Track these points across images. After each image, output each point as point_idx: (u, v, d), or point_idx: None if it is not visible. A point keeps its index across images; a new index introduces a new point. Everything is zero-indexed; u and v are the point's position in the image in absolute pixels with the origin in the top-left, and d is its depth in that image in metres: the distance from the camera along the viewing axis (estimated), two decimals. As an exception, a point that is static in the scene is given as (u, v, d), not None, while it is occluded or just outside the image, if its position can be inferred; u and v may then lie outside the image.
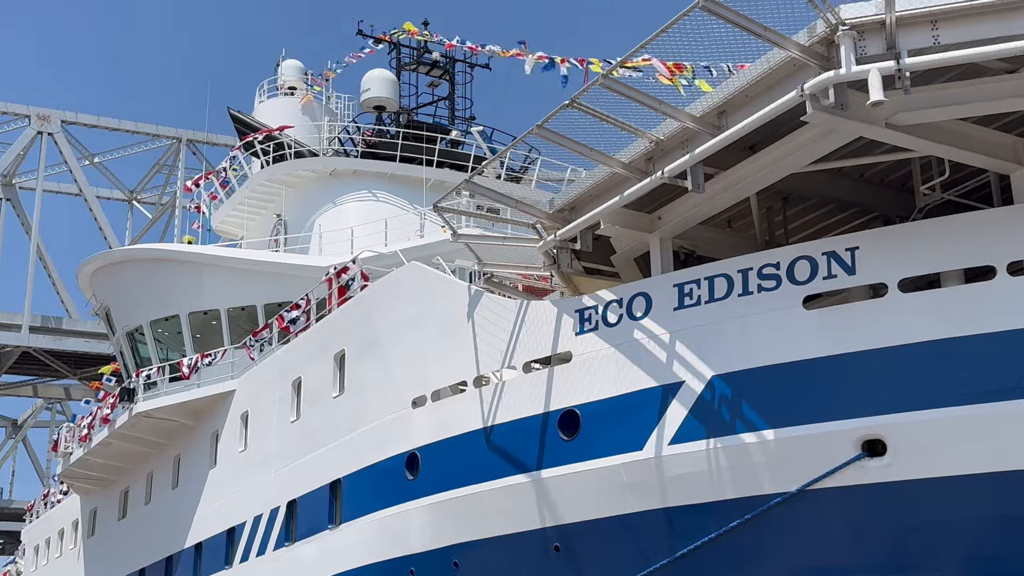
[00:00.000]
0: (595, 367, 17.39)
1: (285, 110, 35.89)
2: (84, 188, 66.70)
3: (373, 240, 28.59)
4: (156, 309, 31.85)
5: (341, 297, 24.45)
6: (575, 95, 15.71)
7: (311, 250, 31.18)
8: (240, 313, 30.25)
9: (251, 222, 34.17)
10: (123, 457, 32.97)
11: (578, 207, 18.16)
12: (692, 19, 13.83)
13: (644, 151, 16.56)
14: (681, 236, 17.79)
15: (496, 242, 19.82)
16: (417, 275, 21.34)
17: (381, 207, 31.82)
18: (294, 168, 32.85)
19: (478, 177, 18.43)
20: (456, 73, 36.42)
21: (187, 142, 66.36)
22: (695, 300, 16.52)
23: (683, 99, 15.57)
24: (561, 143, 16.64)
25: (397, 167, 32.39)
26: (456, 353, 19.65)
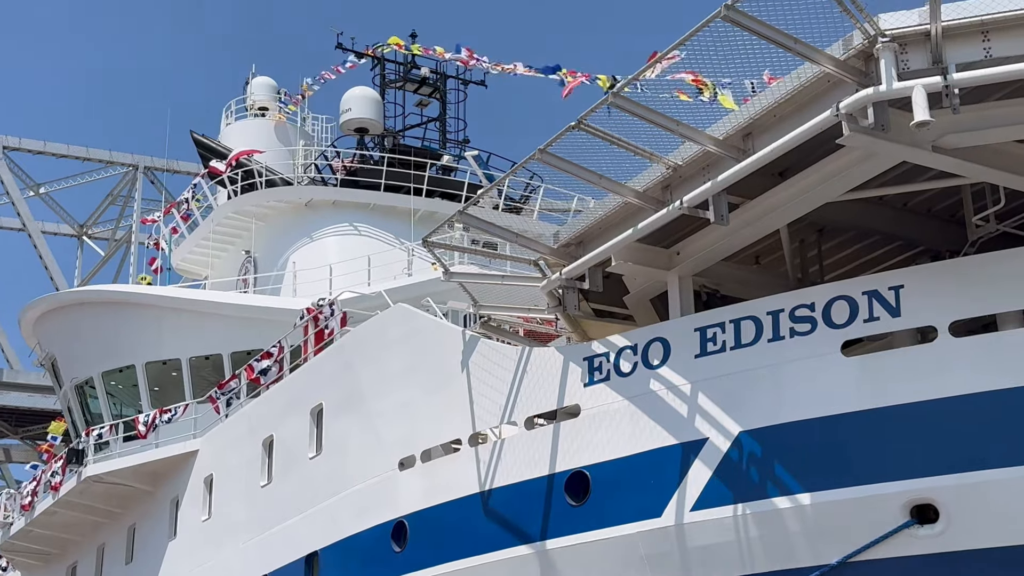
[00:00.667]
0: (606, 422, 17.35)
1: (255, 133, 36.07)
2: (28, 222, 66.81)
3: (354, 279, 28.62)
4: (109, 359, 31.80)
5: (318, 344, 24.42)
6: (582, 115, 15.78)
7: (284, 291, 31.22)
8: (204, 363, 30.20)
9: (216, 260, 34.24)
10: (71, 528, 32.81)
11: (586, 241, 18.18)
12: (713, 30, 13.92)
13: (660, 178, 16.61)
14: (703, 274, 17.81)
15: (494, 281, 19.84)
16: (404, 319, 21.34)
17: (363, 242, 31.88)
18: (265, 198, 32.97)
19: (473, 208, 18.48)
20: (448, 91, 36.64)
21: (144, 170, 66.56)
22: (719, 346, 16.50)
23: (704, 120, 15.64)
24: (566, 169, 16.69)
25: (381, 197, 32.52)
26: (449, 407, 19.61)
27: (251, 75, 38.29)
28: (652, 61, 14.74)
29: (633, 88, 15.50)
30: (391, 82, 36.33)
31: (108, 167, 67.17)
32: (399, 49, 35.13)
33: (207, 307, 30.13)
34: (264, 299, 30.34)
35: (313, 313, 24.74)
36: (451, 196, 33.03)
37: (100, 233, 69.98)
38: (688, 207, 16.11)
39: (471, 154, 33.71)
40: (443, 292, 23.17)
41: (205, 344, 30.10)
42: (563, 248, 18.39)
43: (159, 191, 64.97)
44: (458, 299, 21.45)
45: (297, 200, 32.80)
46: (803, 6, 13.64)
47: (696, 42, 14.20)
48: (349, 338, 22.95)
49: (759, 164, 15.36)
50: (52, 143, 65.61)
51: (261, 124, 36.65)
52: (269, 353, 25.90)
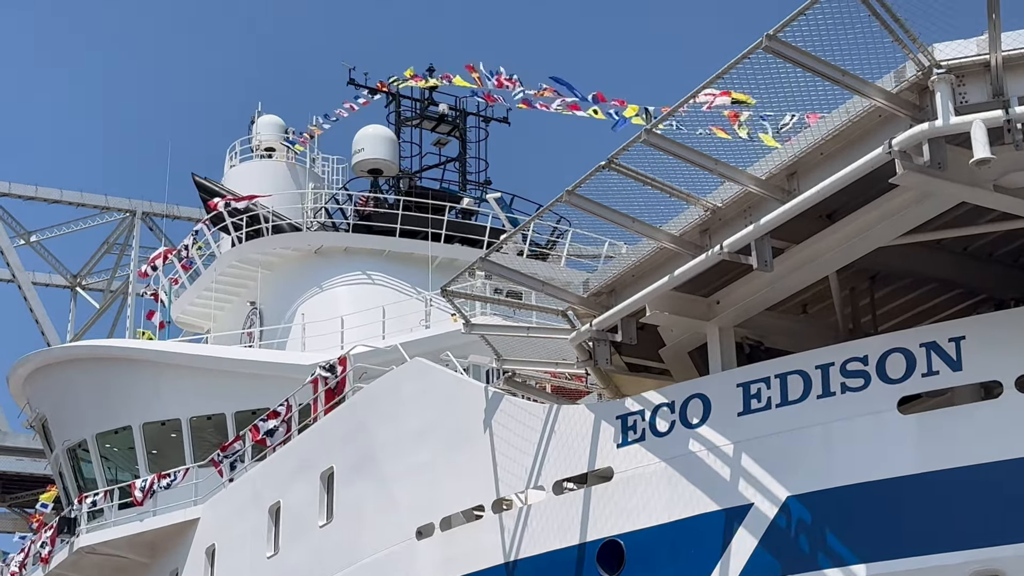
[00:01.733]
0: (642, 487, 17.27)
1: (261, 175, 36.31)
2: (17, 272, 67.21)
3: (368, 332, 28.66)
4: (103, 419, 31.87)
5: (329, 403, 24.43)
6: (613, 154, 15.85)
7: (292, 345, 31.28)
8: (205, 423, 30.23)
9: (219, 312, 34.37)
10: (61, 603, 32.77)
11: (618, 290, 18.18)
12: (754, 63, 13.98)
13: (698, 221, 16.62)
14: (745, 324, 17.77)
15: (518, 333, 19.85)
16: (422, 374, 21.35)
17: (377, 292, 31.95)
18: (272, 245, 33.13)
19: (495, 254, 18.53)
20: (468, 128, 36.82)
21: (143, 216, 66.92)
22: (764, 403, 16.44)
23: (745, 158, 15.67)
24: (596, 212, 16.74)
25: (397, 243, 32.64)
26: (470, 470, 19.56)
27: (257, 113, 38.59)
28: (688, 96, 14.80)
29: (667, 124, 15.57)
30: (407, 120, 36.53)
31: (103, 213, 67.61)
32: (416, 83, 35.34)
33: (209, 363, 30.20)
34: (270, 354, 30.39)
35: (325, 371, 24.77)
36: (472, 242, 33.12)
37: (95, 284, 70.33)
38: (729, 252, 16.10)
39: (493, 196, 33.84)
40: (463, 345, 23.14)
41: (207, 403, 30.13)
42: (593, 297, 18.38)
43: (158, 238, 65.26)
44: (480, 353, 21.44)
45: (306, 247, 32.94)
46: (851, 36, 13.70)
47: (736, 75, 14.25)
48: (362, 396, 22.95)
49: (805, 205, 15.36)
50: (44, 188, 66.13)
51: (267, 166, 36.90)
52: (276, 412, 25.91)
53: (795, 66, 13.97)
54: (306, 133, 37.41)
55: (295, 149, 37.33)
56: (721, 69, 14.31)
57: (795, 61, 13.90)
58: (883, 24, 13.44)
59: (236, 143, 37.71)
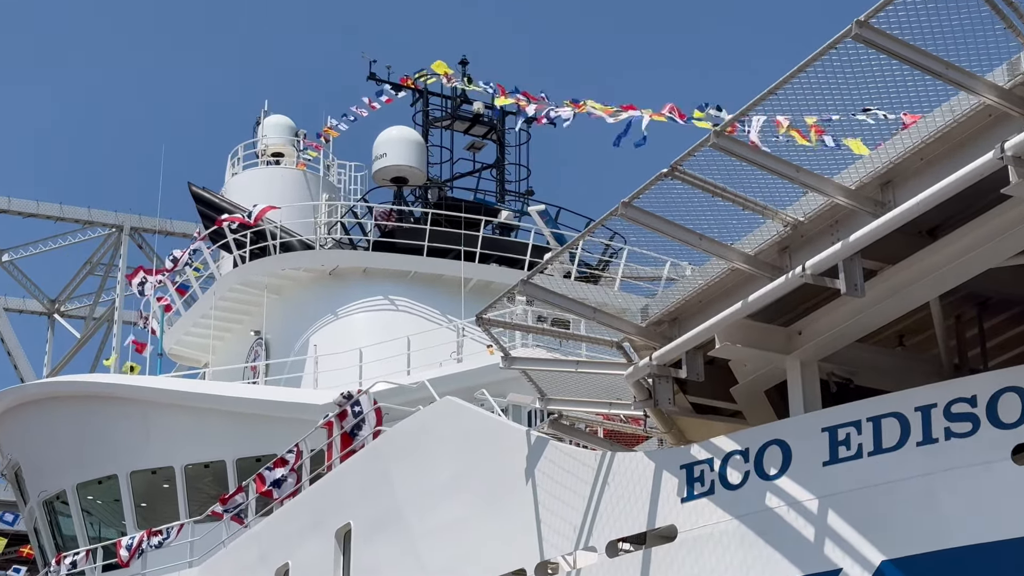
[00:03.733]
0: (710, 548, 17.21)
1: (268, 185, 36.58)
2: (-13, 296, 67.81)
3: (391, 366, 28.75)
4: (85, 467, 32.05)
5: (345, 448, 24.48)
6: (677, 160, 15.84)
7: (303, 382, 31.40)
8: (203, 472, 30.35)
9: (219, 343, 34.57)
10: None
11: (682, 318, 18.15)
12: (841, 53, 13.94)
13: (776, 238, 16.59)
14: (831, 358, 17.71)
15: (566, 368, 19.83)
16: (454, 416, 21.38)
17: (401, 319, 32.07)
18: (280, 266, 33.33)
19: (539, 276, 18.54)
20: (507, 130, 36.90)
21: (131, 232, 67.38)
22: (854, 451, 16.37)
23: (830, 165, 15.63)
24: (657, 227, 16.73)
25: (424, 263, 32.76)
26: (510, 528, 19.55)
27: (262, 113, 38.89)
28: (766, 92, 14.78)
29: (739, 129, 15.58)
30: (436, 120, 36.68)
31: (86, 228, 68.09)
32: (445, 80, 35.44)
33: (207, 402, 30.34)
34: (278, 392, 30.51)
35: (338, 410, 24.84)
36: (511, 262, 33.18)
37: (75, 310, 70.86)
38: (812, 275, 16.06)
39: (536, 209, 33.87)
40: (502, 382, 23.17)
41: (204, 448, 30.26)
42: (653, 327, 18.36)
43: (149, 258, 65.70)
44: (521, 391, 21.44)
45: (319, 268, 33.12)
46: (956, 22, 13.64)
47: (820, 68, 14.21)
48: (384, 440, 22.99)
49: (902, 220, 15.30)
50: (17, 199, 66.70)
51: (275, 173, 37.16)
52: (284, 460, 25.99)
53: (890, 57, 13.93)
54: (320, 136, 37.63)
55: (307, 154, 37.54)
56: (804, 61, 14.29)
57: (890, 51, 13.85)
58: (994, 8, 13.39)
59: (239, 148, 38.03)
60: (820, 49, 14.17)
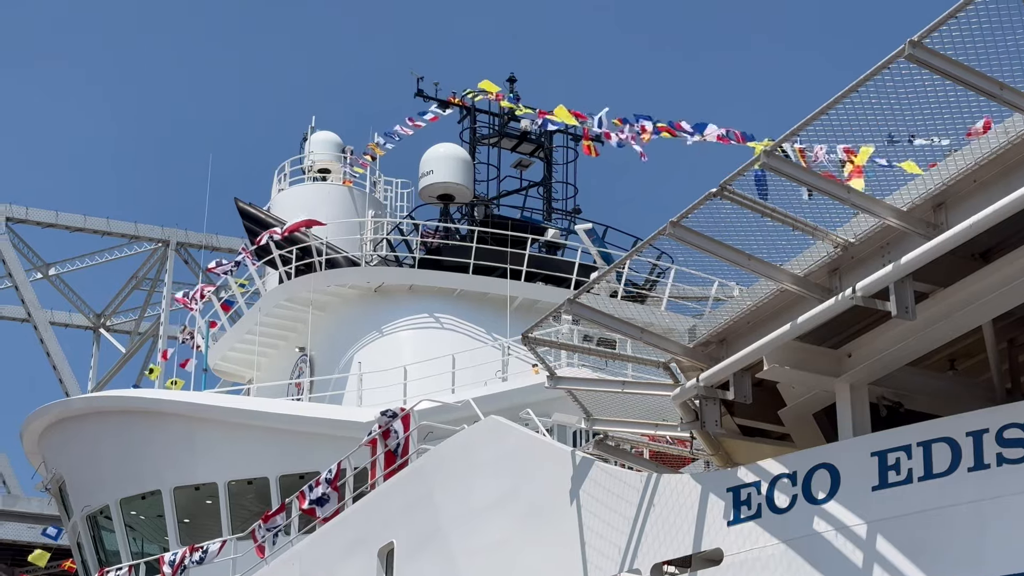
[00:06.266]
0: (757, 572, 17.14)
1: (314, 201, 36.66)
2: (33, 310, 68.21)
3: (435, 384, 28.75)
4: (129, 482, 32.19)
5: (389, 467, 24.48)
6: (725, 180, 15.82)
7: (347, 399, 31.45)
8: (246, 488, 30.42)
9: (264, 359, 34.65)
10: None
11: (731, 339, 18.10)
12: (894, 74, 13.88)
13: (826, 259, 16.52)
14: (882, 382, 17.62)
15: (612, 389, 19.79)
16: (498, 435, 21.37)
17: (447, 337, 32.07)
18: (325, 282, 33.39)
19: (585, 295, 18.53)
20: (554, 148, 36.90)
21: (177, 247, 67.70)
22: (904, 476, 16.27)
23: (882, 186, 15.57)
24: (705, 247, 16.70)
25: (470, 281, 32.75)
26: (553, 549, 19.52)
27: (309, 130, 39.00)
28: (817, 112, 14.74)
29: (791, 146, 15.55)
30: (483, 138, 36.74)
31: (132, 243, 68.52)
32: (493, 98, 35.50)
33: (251, 418, 30.43)
34: (322, 409, 30.56)
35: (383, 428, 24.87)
36: (558, 280, 33.16)
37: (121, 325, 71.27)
38: (863, 296, 15.98)
39: (583, 228, 33.84)
40: (547, 402, 23.12)
41: (248, 465, 30.34)
42: (701, 347, 18.30)
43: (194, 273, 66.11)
44: (566, 411, 21.41)
45: (365, 284, 33.16)
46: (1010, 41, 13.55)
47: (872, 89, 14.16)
48: (428, 459, 22.99)
49: (955, 243, 15.22)
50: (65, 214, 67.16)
51: (321, 190, 37.24)
52: (327, 478, 26.01)
53: (943, 78, 13.85)
54: (366, 153, 37.73)
55: (354, 171, 37.63)
56: (856, 81, 14.24)
57: (943, 72, 13.78)
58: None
59: (285, 163, 38.14)
60: (872, 70, 14.12)
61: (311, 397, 32.28)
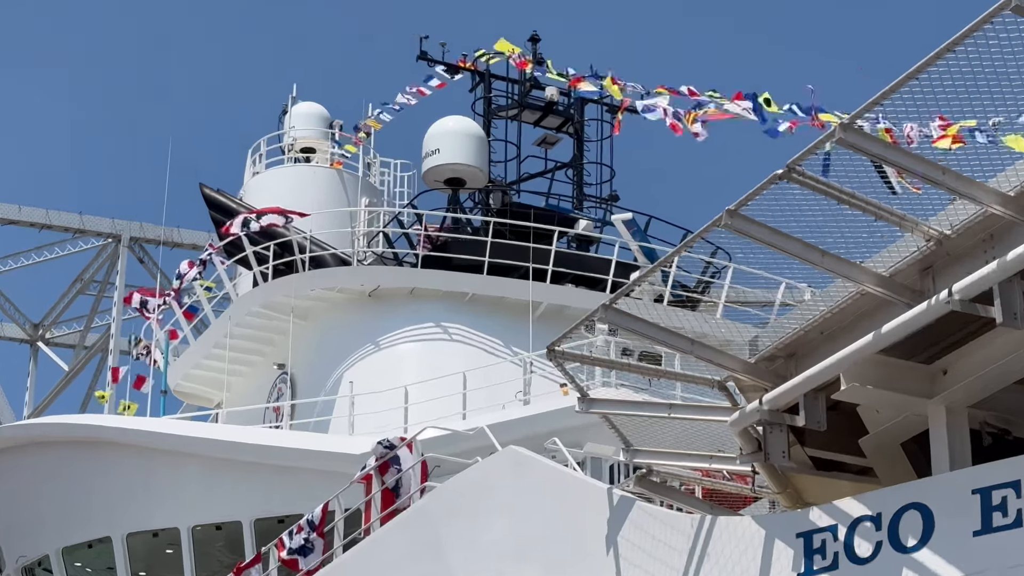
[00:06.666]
0: (834, 636, 17.12)
1: (295, 186, 36.73)
2: (-42, 320, 68.37)
3: (442, 408, 28.79)
4: (73, 528, 32.25)
5: (387, 507, 24.52)
6: (793, 159, 15.80)
7: (336, 426, 31.49)
8: (214, 535, 30.49)
9: (235, 378, 34.71)
10: None
11: (801, 353, 18.13)
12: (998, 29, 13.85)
13: (917, 256, 16.53)
14: (983, 404, 17.62)
15: (657, 413, 19.81)
16: (519, 469, 21.43)
17: (456, 351, 32.13)
18: (309, 285, 33.43)
19: (624, 300, 18.54)
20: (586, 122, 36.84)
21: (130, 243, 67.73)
22: (1012, 518, 16.27)
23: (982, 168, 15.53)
24: (769, 241, 16.70)
25: (484, 283, 32.77)
26: (587, 608, 19.52)
27: (290, 101, 39.07)
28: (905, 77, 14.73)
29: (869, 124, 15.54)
30: (500, 109, 36.70)
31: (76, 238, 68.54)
32: (512, 62, 35.46)
33: (220, 450, 30.48)
34: (305, 439, 30.62)
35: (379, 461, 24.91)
36: (590, 282, 33.16)
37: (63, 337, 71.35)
38: (962, 300, 15.98)
39: (621, 218, 33.83)
40: (578, 429, 23.17)
41: (216, 507, 30.39)
42: (765, 363, 18.31)
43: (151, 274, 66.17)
44: (601, 440, 21.42)
45: (357, 287, 33.21)
46: None
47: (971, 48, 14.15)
48: (435, 498, 23.04)
49: (1074, 234, 15.20)
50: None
51: (304, 173, 37.35)
52: (311, 522, 26.05)
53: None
54: (359, 128, 37.75)
55: (344, 150, 37.68)
56: (950, 40, 14.21)
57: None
58: None
59: (261, 141, 38.23)
60: (971, 26, 14.09)
61: (292, 424, 32.32)
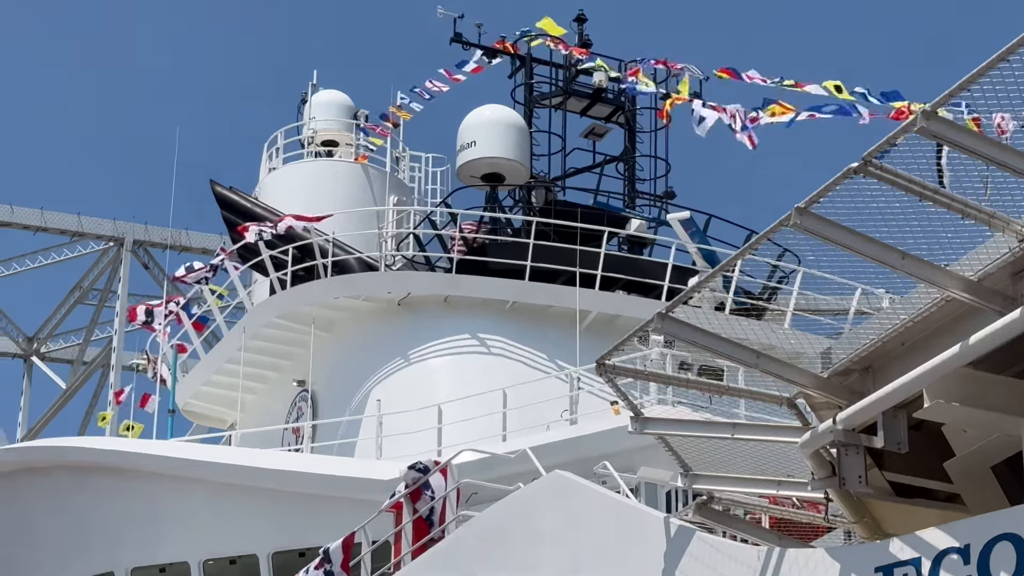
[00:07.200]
0: None
1: (315, 184, 36.75)
2: (-54, 333, 68.66)
3: (480, 429, 28.81)
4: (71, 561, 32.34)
5: (419, 539, 24.55)
6: (871, 150, 15.77)
7: (362, 449, 31.51)
8: (227, 569, 30.51)
9: (250, 396, 34.76)
10: None
11: (878, 366, 18.12)
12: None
13: (1008, 258, 16.49)
14: (1086, 423, 17.55)
15: (718, 434, 19.80)
16: (565, 496, 21.44)
17: (495, 365, 32.12)
18: (331, 293, 33.47)
19: (682, 308, 18.52)
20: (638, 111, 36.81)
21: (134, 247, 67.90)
22: (1120, 552, 16.19)
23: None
24: (843, 242, 16.68)
25: (526, 289, 32.76)
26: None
27: (310, 89, 39.13)
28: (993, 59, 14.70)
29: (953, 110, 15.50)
30: (544, 97, 36.67)
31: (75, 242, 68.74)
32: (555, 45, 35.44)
33: (234, 475, 30.53)
34: (328, 463, 30.63)
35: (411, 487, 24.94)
36: (644, 288, 33.12)
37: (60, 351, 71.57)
38: (1059, 308, 15.94)
39: (678, 217, 33.80)
40: (631, 452, 23.16)
41: (229, 538, 30.45)
42: (839, 378, 18.28)
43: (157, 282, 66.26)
44: (657, 464, 21.40)
45: (385, 295, 33.23)
46: None
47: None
48: (472, 529, 23.06)
49: None
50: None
51: (325, 169, 37.38)
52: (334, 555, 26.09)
53: None
54: (386, 119, 37.78)
55: (369, 143, 37.72)
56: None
57: None
58: None
59: (278, 134, 38.31)
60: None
61: (314, 447, 32.35)
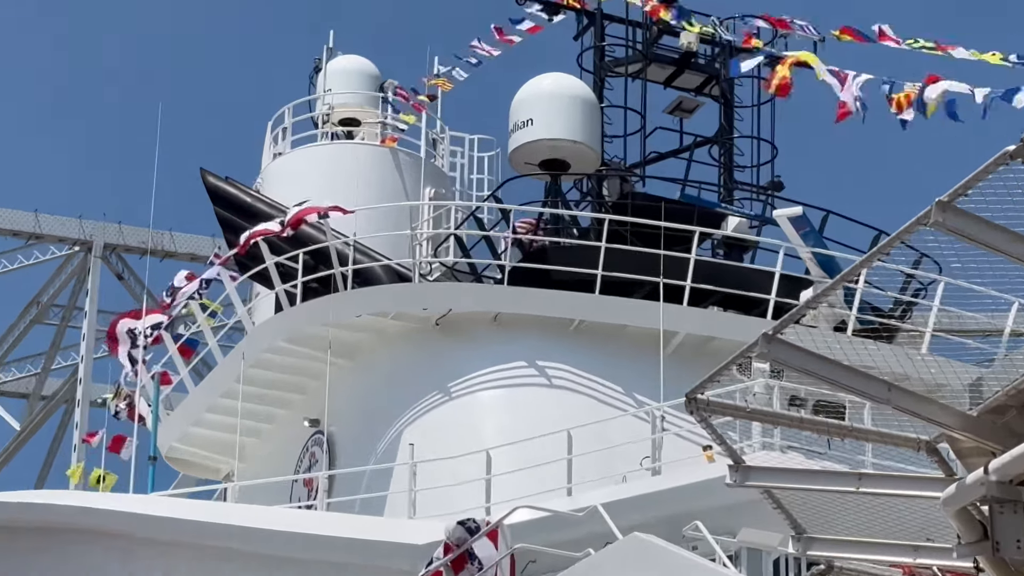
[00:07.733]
0: None
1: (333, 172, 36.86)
2: None
3: (538, 481, 28.86)
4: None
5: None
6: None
7: (392, 506, 31.59)
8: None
9: (251, 440, 34.87)
10: None
11: (1042, 402, 18.04)
12: None
13: None
14: None
15: (840, 487, 19.80)
16: (647, 564, 21.52)
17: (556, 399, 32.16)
18: (353, 310, 33.52)
19: (793, 328, 18.52)
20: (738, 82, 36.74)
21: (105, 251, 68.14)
22: None
23: None
24: (996, 246, 16.66)
25: (595, 304, 32.76)
26: None
27: (325, 54, 39.18)
28: None
29: None
30: (618, 63, 36.67)
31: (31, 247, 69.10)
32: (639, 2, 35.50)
33: (229, 538, 30.68)
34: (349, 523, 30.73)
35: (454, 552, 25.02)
36: (745, 303, 33.11)
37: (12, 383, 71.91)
38: None
39: (788, 213, 33.73)
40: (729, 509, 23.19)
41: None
42: (991, 416, 18.26)
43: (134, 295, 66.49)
44: (762, 525, 21.43)
45: (420, 312, 33.29)
46: None
47: None
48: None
49: None
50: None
51: (345, 153, 37.47)
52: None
53: None
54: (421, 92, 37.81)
55: (400, 121, 37.76)
56: None
57: None
58: None
59: (285, 111, 38.34)
60: None
61: (330, 503, 32.43)
